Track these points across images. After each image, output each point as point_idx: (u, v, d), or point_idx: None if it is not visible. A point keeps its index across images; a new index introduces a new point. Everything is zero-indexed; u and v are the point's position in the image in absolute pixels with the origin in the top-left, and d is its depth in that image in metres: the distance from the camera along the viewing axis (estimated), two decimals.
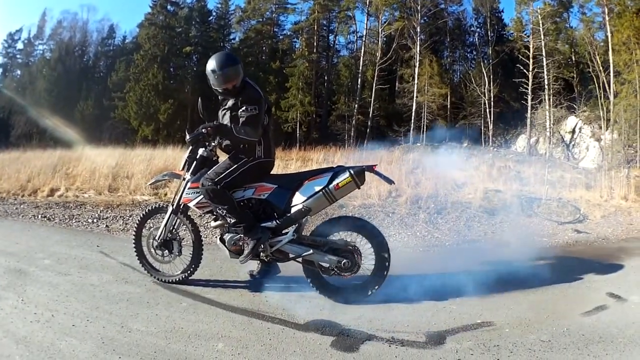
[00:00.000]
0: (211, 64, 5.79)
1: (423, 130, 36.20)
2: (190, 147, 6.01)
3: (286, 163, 18.50)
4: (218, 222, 5.96)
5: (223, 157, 6.00)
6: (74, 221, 10.36)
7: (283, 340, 4.71)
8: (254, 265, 6.36)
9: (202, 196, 5.84)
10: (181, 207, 6.13)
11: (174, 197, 6.21)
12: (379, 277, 5.77)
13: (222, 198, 5.68)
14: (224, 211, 5.73)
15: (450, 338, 4.79)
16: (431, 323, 5.14)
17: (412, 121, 36.66)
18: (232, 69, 5.79)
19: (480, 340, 4.73)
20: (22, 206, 11.78)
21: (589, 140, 31.19)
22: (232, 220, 5.75)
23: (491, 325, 5.08)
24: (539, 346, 4.59)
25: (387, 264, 5.77)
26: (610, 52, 30.75)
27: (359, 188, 5.86)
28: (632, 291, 6.10)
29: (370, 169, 5.80)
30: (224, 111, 5.91)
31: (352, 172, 5.69)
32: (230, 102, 5.85)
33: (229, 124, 5.67)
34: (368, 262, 5.82)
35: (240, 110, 5.60)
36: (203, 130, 5.56)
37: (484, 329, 5.00)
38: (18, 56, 44.06)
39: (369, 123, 36.81)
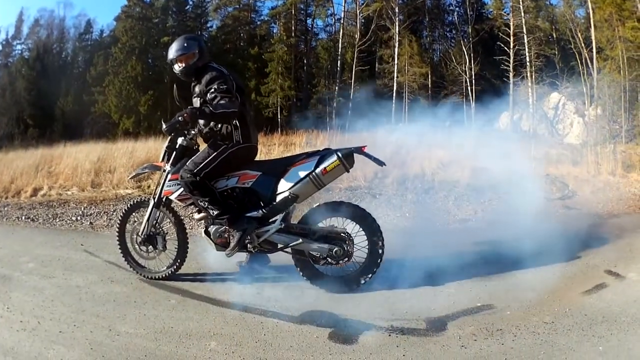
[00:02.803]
0: None
1: (405, 110, 36.19)
2: (169, 137, 5.86)
3: (269, 148, 18.41)
4: (202, 214, 5.80)
5: (204, 146, 5.81)
6: (57, 220, 10.20)
7: (278, 335, 4.60)
8: (242, 257, 6.21)
9: (182, 188, 5.68)
10: (163, 200, 5.95)
11: (155, 190, 6.04)
12: (373, 263, 5.65)
13: (203, 190, 5.52)
14: (206, 203, 5.55)
15: (451, 324, 4.71)
16: (430, 309, 5.04)
17: (394, 101, 36.63)
18: (180, 43, 5.80)
19: (482, 324, 4.66)
20: (5, 209, 11.59)
21: (573, 116, 31.19)
22: (215, 212, 5.57)
23: (492, 309, 5.01)
24: (542, 328, 4.53)
25: (380, 249, 5.65)
26: (592, 29, 30.73)
27: (348, 171, 5.69)
28: (629, 268, 6.07)
29: (359, 150, 5.61)
30: (195, 98, 5.79)
31: (339, 154, 5.51)
32: (197, 89, 5.74)
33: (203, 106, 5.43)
34: (360, 249, 5.69)
35: (209, 92, 5.44)
36: (179, 118, 5.29)
37: (485, 313, 4.93)
38: None
39: (350, 105, 36.78)
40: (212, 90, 5.39)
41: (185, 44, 5.77)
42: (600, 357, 4.04)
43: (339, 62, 38.51)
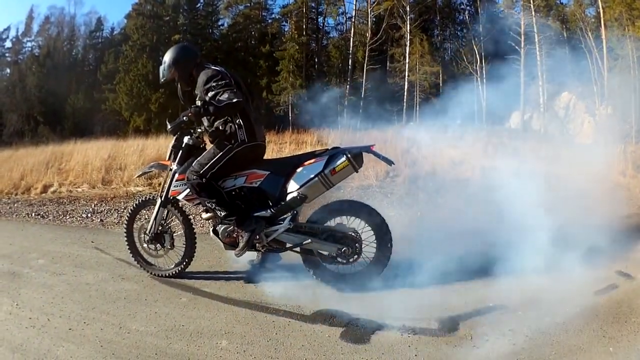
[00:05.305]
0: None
1: (416, 109, 36.16)
2: (175, 136, 5.85)
3: (280, 147, 18.40)
4: (209, 214, 5.77)
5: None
6: (67, 217, 10.22)
7: (290, 334, 4.58)
8: (253, 254, 6.17)
9: (189, 189, 5.67)
10: (170, 199, 5.94)
11: (162, 189, 6.04)
12: (382, 261, 5.66)
13: (210, 191, 5.50)
14: (213, 204, 5.53)
15: (463, 323, 4.69)
16: (442, 308, 5.00)
17: (405, 100, 36.63)
18: (161, 69, 5.90)
19: (495, 324, 4.62)
20: (15, 205, 11.65)
21: (584, 115, 31.09)
22: (223, 214, 5.55)
23: (504, 309, 4.97)
24: (554, 329, 4.50)
25: (389, 247, 5.64)
26: (602, 29, 30.65)
27: (357, 171, 5.67)
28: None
29: (368, 149, 5.58)
30: (198, 100, 5.70)
31: (349, 155, 5.48)
32: (197, 91, 5.71)
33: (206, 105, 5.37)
34: (369, 247, 5.68)
35: (209, 90, 5.40)
36: (184, 117, 5.36)
37: (496, 313, 4.89)
38: (7, 55, 43.93)
39: (361, 103, 36.74)
40: (211, 87, 5.36)
41: (162, 70, 5.88)
42: (610, 357, 4.03)
43: (350, 60, 38.60)
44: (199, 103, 5.59)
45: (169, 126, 5.51)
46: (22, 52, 44.08)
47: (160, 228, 6.01)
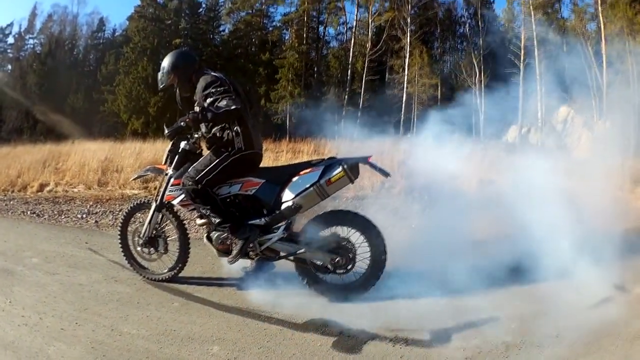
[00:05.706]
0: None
1: (413, 121, 36.16)
2: (172, 141, 5.85)
3: (277, 155, 18.39)
4: (204, 220, 5.76)
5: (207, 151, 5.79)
6: (63, 217, 10.21)
7: (281, 342, 4.56)
8: (247, 261, 6.12)
9: (184, 195, 5.65)
10: (165, 203, 5.93)
11: (157, 193, 6.03)
12: (376, 272, 5.62)
13: (204, 198, 5.49)
14: (208, 211, 5.53)
15: (456, 335, 4.66)
16: (435, 320, 4.97)
17: (403, 112, 36.65)
18: (160, 75, 5.92)
19: (487, 337, 4.61)
20: (11, 202, 11.64)
21: (581, 130, 31.11)
22: (217, 220, 5.55)
23: (497, 321, 4.93)
24: (548, 342, 4.49)
25: (383, 258, 5.61)
26: (603, 43, 30.73)
27: (353, 182, 5.67)
28: (636, 283, 6.01)
29: (365, 161, 5.60)
30: (197, 106, 5.67)
31: (345, 166, 5.48)
32: (195, 96, 5.67)
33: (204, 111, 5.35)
34: (364, 257, 5.67)
35: (207, 96, 5.37)
36: (182, 123, 5.34)
37: (490, 325, 4.85)
38: (9, 51, 44.00)
39: (359, 114, 36.75)
40: (210, 93, 5.33)
41: (161, 76, 5.89)
42: None
43: (349, 70, 38.68)
44: (197, 109, 5.57)
45: (166, 131, 5.49)
46: (24, 48, 44.22)
47: (154, 232, 6.00)
